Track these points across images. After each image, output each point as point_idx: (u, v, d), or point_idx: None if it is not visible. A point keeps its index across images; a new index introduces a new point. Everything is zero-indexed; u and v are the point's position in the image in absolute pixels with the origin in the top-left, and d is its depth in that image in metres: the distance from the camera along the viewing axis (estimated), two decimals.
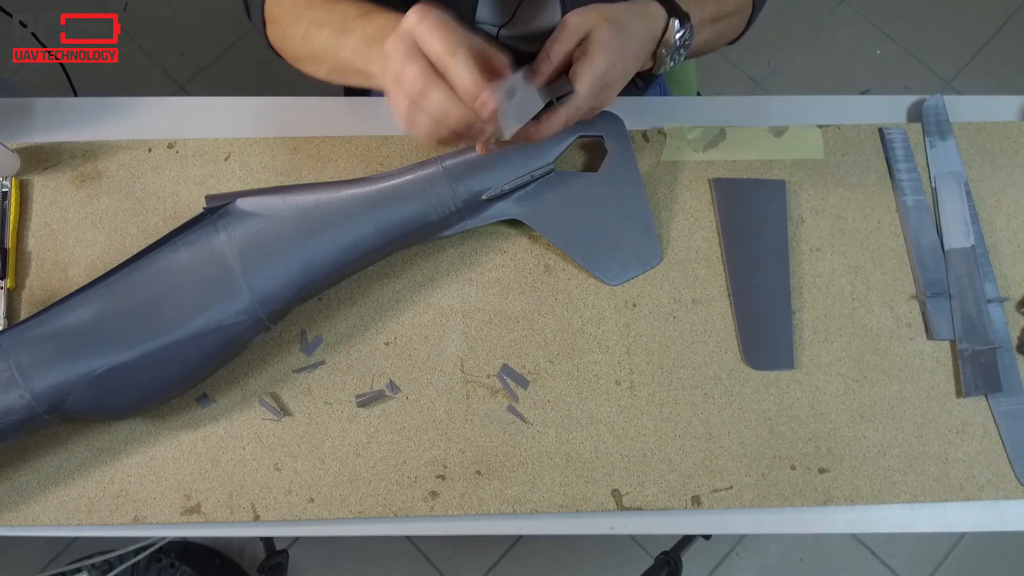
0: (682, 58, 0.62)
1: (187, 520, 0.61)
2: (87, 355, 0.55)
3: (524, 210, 0.65)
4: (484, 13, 0.74)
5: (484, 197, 0.63)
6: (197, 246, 0.59)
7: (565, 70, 0.54)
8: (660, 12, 0.58)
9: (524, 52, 0.56)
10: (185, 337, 0.57)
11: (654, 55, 0.61)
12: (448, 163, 0.62)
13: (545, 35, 0.55)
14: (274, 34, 0.65)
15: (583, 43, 0.53)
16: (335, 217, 0.60)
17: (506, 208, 0.65)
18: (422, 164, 0.62)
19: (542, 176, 0.65)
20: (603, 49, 0.52)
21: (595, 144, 0.69)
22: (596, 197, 0.66)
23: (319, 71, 0.62)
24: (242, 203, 0.60)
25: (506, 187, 0.63)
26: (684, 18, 0.58)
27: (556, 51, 0.53)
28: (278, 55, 0.68)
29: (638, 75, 0.64)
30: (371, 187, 0.61)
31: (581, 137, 0.67)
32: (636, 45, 0.56)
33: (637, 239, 0.66)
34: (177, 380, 0.58)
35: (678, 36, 0.59)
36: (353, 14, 0.57)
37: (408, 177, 0.61)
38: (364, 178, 0.62)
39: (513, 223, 0.67)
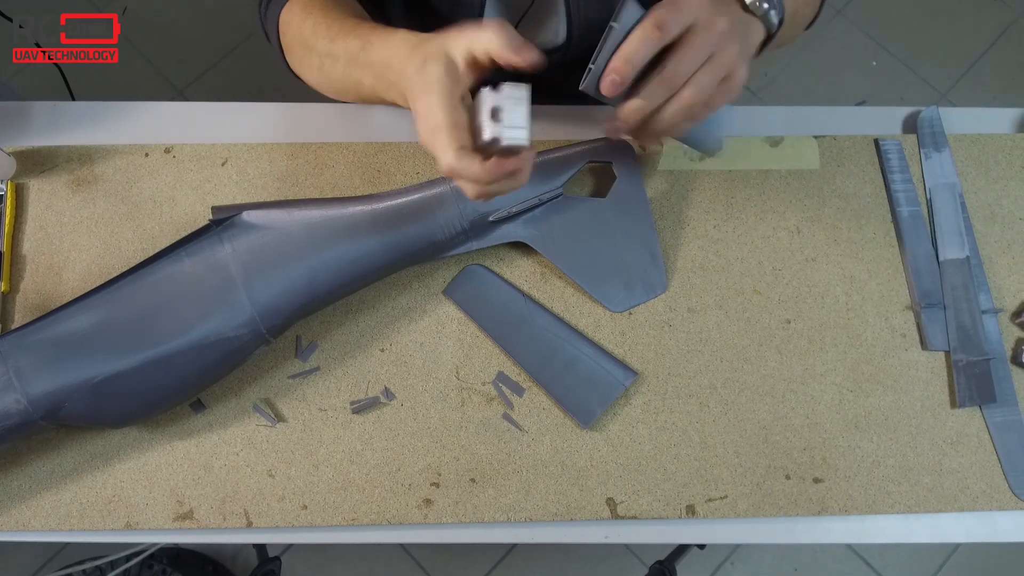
0: (779, 21, 0.57)
1: (179, 526, 0.60)
2: (86, 362, 0.55)
3: (530, 233, 0.65)
4: None
5: (491, 219, 0.63)
6: (201, 257, 0.58)
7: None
8: None
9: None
10: (185, 348, 0.57)
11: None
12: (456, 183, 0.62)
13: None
14: (291, 59, 0.69)
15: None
16: (340, 233, 0.60)
17: (512, 230, 0.65)
18: (431, 183, 0.62)
19: (550, 200, 0.64)
20: None
21: (604, 170, 0.69)
22: (603, 223, 0.66)
23: (349, 99, 0.68)
24: (248, 216, 0.60)
25: (513, 209, 0.63)
26: None
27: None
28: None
29: None
30: (378, 205, 0.61)
31: (590, 163, 0.66)
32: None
33: (643, 266, 0.66)
34: (175, 391, 0.58)
35: None
36: (356, 47, 0.58)
37: (416, 196, 0.61)
38: (371, 195, 0.62)
39: (516, 244, 0.67)
